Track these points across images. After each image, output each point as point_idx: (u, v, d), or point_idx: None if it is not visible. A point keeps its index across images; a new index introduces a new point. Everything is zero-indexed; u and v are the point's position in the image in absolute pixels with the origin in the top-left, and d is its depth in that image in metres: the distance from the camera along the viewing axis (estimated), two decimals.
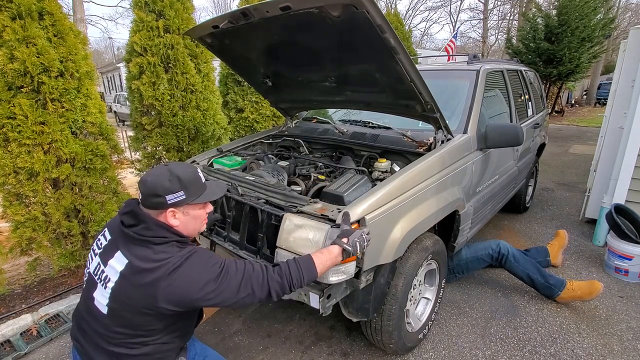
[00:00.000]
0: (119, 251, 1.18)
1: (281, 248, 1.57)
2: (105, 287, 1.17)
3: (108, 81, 23.36)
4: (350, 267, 1.46)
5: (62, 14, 2.40)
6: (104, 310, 1.17)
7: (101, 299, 1.18)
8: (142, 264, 1.14)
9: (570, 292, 2.39)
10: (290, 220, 1.56)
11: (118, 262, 1.17)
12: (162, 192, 1.17)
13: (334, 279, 1.43)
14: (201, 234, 2.09)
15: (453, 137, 2.11)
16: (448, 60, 7.45)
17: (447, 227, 2.22)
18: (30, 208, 2.47)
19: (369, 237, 1.41)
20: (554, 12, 11.29)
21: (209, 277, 1.14)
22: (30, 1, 2.18)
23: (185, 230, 1.24)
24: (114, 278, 1.16)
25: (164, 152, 3.09)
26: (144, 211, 1.20)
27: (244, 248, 1.84)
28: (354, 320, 1.76)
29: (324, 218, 1.50)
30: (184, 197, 1.20)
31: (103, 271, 1.20)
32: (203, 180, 1.28)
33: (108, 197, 2.77)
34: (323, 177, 2.04)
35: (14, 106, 2.22)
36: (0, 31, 2.13)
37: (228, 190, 1.95)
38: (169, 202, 1.18)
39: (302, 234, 1.52)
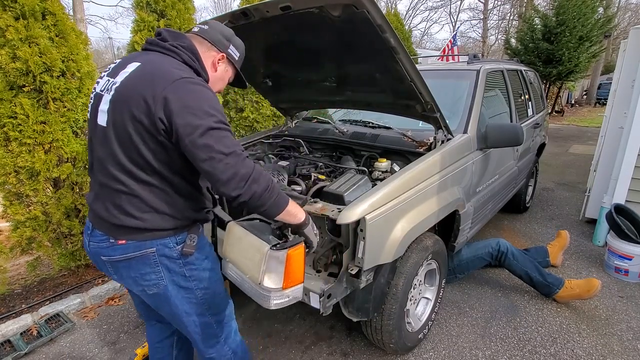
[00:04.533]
0: (133, 62, 1.12)
1: (226, 259, 1.43)
2: (109, 91, 1.10)
3: None
4: (297, 291, 1.29)
5: (64, 14, 2.41)
6: (104, 122, 1.10)
7: (103, 106, 1.10)
8: (156, 66, 1.09)
9: (569, 291, 2.40)
10: (233, 231, 1.37)
11: (130, 68, 1.11)
12: (231, 38, 1.27)
13: (277, 302, 1.26)
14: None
15: (453, 136, 2.11)
16: (440, 59, 7.41)
17: (447, 226, 2.22)
18: (30, 207, 2.48)
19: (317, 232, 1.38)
20: (552, 12, 11.29)
21: (214, 111, 1.05)
22: (34, 1, 2.19)
23: (210, 81, 1.25)
24: (120, 79, 1.10)
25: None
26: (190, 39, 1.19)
27: None
28: (354, 320, 1.77)
29: (281, 239, 1.31)
30: (237, 58, 1.31)
31: (110, 81, 1.13)
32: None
33: None
34: (323, 177, 2.04)
35: (16, 105, 2.22)
36: (3, 30, 2.14)
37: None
38: (229, 49, 1.26)
39: (243, 248, 1.32)
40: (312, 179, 2.02)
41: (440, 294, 2.23)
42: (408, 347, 2.01)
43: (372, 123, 2.49)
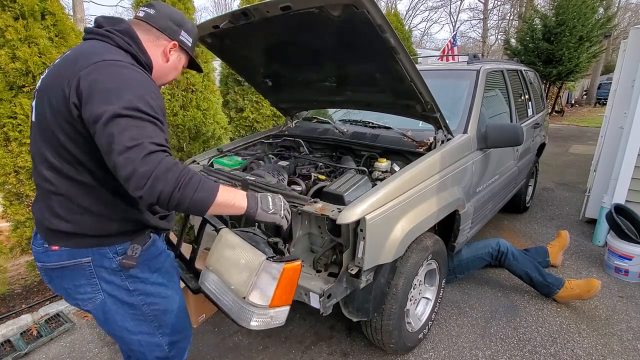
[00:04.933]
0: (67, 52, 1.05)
1: (208, 269, 1.27)
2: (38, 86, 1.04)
3: None
4: (282, 314, 1.22)
5: (64, 14, 2.41)
6: (34, 117, 1.02)
7: (33, 101, 1.04)
8: (81, 51, 0.99)
9: (569, 291, 2.40)
10: (225, 239, 1.26)
11: (59, 57, 1.04)
12: (182, 23, 1.14)
13: (257, 321, 1.15)
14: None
15: (453, 136, 2.11)
16: (440, 59, 7.42)
17: (447, 227, 2.22)
18: (30, 207, 2.48)
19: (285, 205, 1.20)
20: (552, 12, 11.29)
21: (132, 96, 0.91)
22: (33, 1, 2.19)
23: (159, 71, 1.15)
24: (47, 70, 1.03)
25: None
26: (132, 26, 1.08)
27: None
28: (354, 320, 1.77)
29: (271, 250, 1.22)
30: (190, 45, 1.19)
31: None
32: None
33: None
34: (323, 177, 2.04)
35: (15, 105, 2.22)
36: (2, 31, 2.14)
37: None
38: (180, 36, 1.14)
39: (233, 257, 1.20)
40: (312, 179, 2.02)
41: (440, 294, 2.23)
42: (408, 347, 2.01)
43: (372, 123, 2.49)
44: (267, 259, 1.12)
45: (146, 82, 0.98)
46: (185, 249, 2.48)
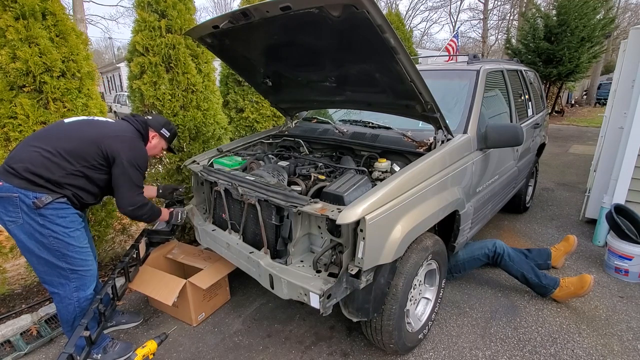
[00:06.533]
0: None
1: None
2: None
3: (108, 81, 23.37)
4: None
5: (65, 14, 2.40)
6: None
7: None
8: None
9: (565, 290, 2.41)
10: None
11: None
12: (164, 125, 2.14)
13: None
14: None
15: (453, 137, 2.11)
16: (449, 60, 7.43)
17: (447, 227, 2.23)
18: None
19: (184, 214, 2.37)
20: (554, 12, 11.28)
21: (133, 159, 1.84)
22: (34, 1, 2.19)
23: (148, 148, 2.05)
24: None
25: (165, 152, 3.09)
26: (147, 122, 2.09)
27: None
28: (354, 320, 1.77)
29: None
30: (167, 137, 2.15)
31: None
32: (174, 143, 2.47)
33: (108, 198, 2.78)
34: (323, 177, 2.04)
35: (16, 106, 2.22)
36: (3, 31, 2.14)
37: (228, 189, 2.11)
38: (160, 131, 2.11)
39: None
40: (312, 179, 2.02)
41: (440, 294, 2.23)
42: (408, 347, 2.01)
43: (372, 123, 2.49)
44: None
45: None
46: (185, 252, 2.57)
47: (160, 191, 2.48)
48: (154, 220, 2.08)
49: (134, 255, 2.39)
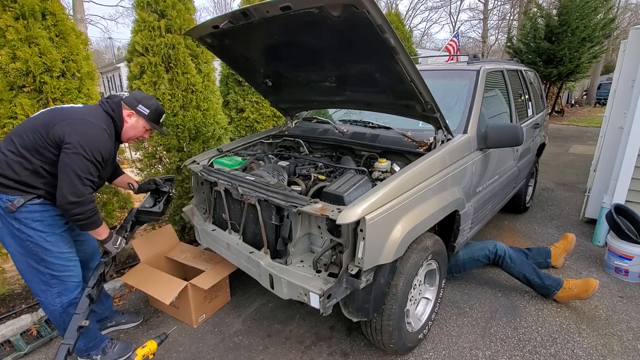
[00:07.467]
0: None
1: None
2: None
3: (108, 81, 23.37)
4: None
5: (65, 14, 2.40)
6: None
7: None
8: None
9: (567, 291, 2.40)
10: None
11: None
12: (140, 101, 1.87)
13: None
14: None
15: (453, 137, 2.11)
16: (449, 60, 7.43)
17: (447, 227, 2.22)
18: None
19: (122, 241, 1.97)
20: (555, 12, 11.28)
21: (79, 144, 1.59)
22: (34, 1, 2.19)
23: (125, 129, 1.88)
24: None
25: (165, 152, 3.09)
26: (121, 101, 1.86)
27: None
28: (354, 320, 1.77)
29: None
30: (147, 114, 1.88)
31: None
32: (161, 121, 2.00)
33: (109, 197, 2.78)
34: (323, 177, 2.04)
35: (16, 106, 2.22)
36: (3, 31, 2.14)
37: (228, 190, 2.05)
38: (137, 108, 1.86)
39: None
40: (312, 179, 2.02)
41: (440, 294, 2.23)
42: (408, 347, 2.01)
43: (372, 123, 2.49)
44: None
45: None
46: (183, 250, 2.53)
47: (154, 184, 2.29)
48: (87, 227, 1.73)
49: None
